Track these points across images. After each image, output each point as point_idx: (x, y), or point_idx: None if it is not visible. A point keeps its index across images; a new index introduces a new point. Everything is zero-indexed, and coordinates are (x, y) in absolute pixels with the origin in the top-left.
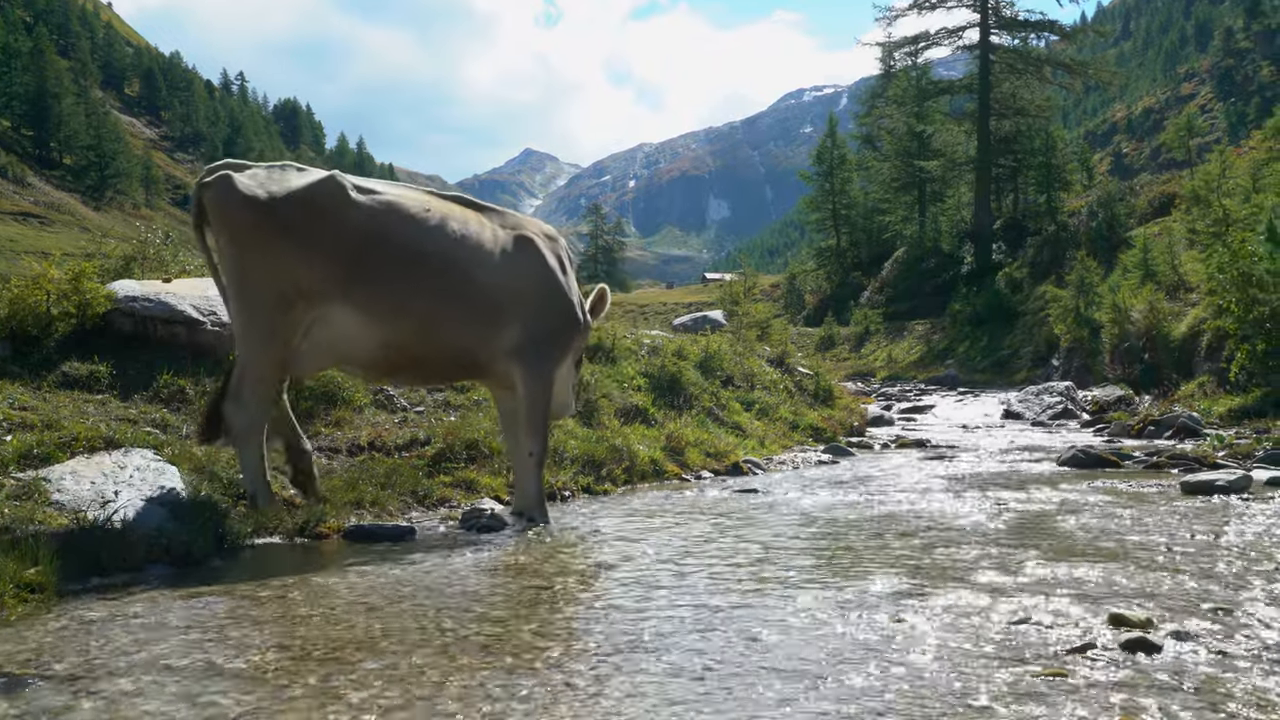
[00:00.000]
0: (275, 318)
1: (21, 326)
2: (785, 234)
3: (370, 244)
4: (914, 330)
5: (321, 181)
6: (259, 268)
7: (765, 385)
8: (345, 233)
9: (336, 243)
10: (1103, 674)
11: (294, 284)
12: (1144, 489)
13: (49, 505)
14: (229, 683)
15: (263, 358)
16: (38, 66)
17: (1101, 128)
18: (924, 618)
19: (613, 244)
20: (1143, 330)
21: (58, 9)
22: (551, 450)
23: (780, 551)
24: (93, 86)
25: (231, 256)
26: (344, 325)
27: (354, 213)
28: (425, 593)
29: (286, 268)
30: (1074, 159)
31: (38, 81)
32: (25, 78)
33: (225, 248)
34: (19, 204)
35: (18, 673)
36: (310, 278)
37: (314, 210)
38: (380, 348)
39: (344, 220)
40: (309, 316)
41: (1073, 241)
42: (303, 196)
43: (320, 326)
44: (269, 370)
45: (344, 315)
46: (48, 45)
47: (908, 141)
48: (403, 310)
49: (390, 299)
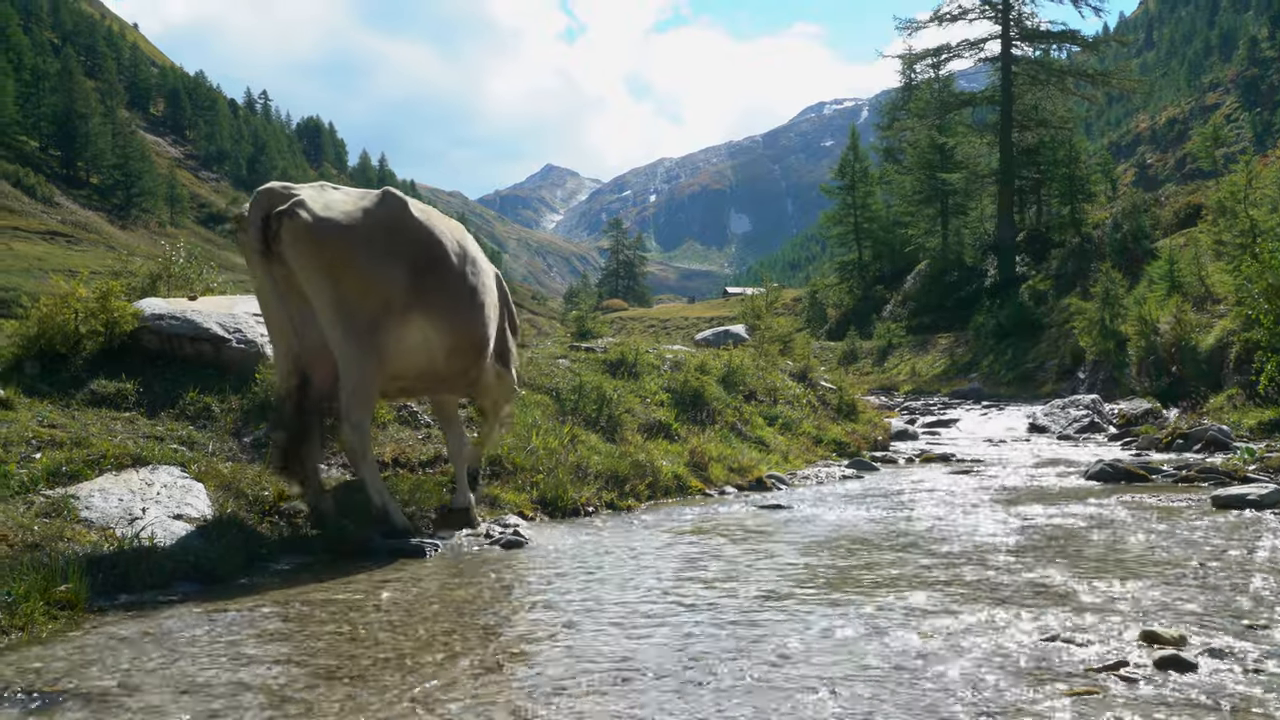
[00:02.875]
0: (376, 335)
1: (50, 345)
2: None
3: (428, 252)
4: (937, 344)
5: (387, 197)
6: (356, 289)
7: (788, 400)
8: (412, 244)
9: (408, 254)
10: (1136, 692)
11: (385, 299)
12: (1174, 503)
13: (78, 522)
14: (257, 701)
15: (370, 375)
16: (66, 87)
17: (1125, 139)
18: (952, 634)
19: (633, 259)
20: (1170, 342)
21: (85, 30)
22: (574, 466)
23: (806, 567)
24: (119, 106)
25: (328, 282)
26: (421, 334)
27: (413, 223)
28: (452, 610)
29: (379, 285)
30: (1098, 170)
31: (66, 102)
32: (53, 98)
33: (315, 274)
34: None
35: (49, 690)
36: (395, 291)
37: (388, 226)
38: (450, 356)
39: (409, 232)
40: (398, 329)
41: (1097, 253)
42: (379, 214)
43: (398, 339)
44: (375, 388)
45: (419, 324)
46: (75, 66)
47: (930, 154)
48: (461, 313)
49: (449, 303)
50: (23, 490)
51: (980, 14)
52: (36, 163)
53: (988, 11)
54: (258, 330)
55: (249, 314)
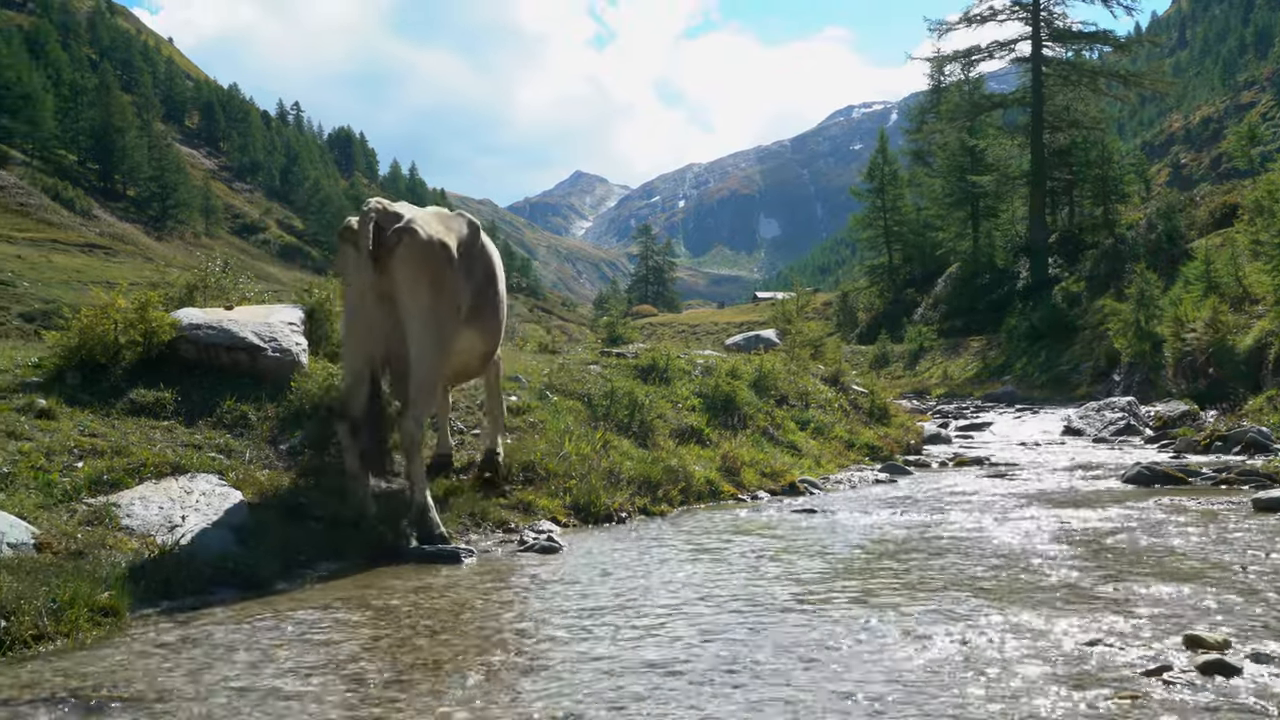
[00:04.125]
0: (449, 341)
1: (91, 355)
2: (836, 252)
3: (486, 270)
4: (969, 346)
5: (469, 223)
6: (446, 300)
7: (820, 404)
8: (479, 264)
9: (477, 272)
10: (1181, 697)
11: (460, 310)
12: (1214, 506)
13: (119, 530)
14: (296, 707)
15: (437, 375)
16: (103, 102)
17: (1159, 138)
18: (991, 638)
19: (663, 264)
20: (1207, 344)
21: (121, 45)
22: (607, 471)
23: (842, 571)
24: (155, 120)
25: (430, 291)
26: (469, 341)
27: (480, 245)
28: (487, 615)
29: (459, 297)
30: (1131, 170)
31: (103, 116)
32: (91, 113)
33: (418, 285)
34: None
35: (93, 695)
36: (465, 303)
37: (469, 247)
38: (479, 360)
39: (479, 253)
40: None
41: (1131, 254)
42: (465, 237)
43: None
44: (438, 388)
45: (470, 333)
46: (113, 81)
47: (960, 157)
48: (494, 324)
49: (490, 316)
50: (66, 499)
51: (1010, 15)
52: (75, 176)
53: (1018, 12)
54: (292, 339)
55: (284, 323)
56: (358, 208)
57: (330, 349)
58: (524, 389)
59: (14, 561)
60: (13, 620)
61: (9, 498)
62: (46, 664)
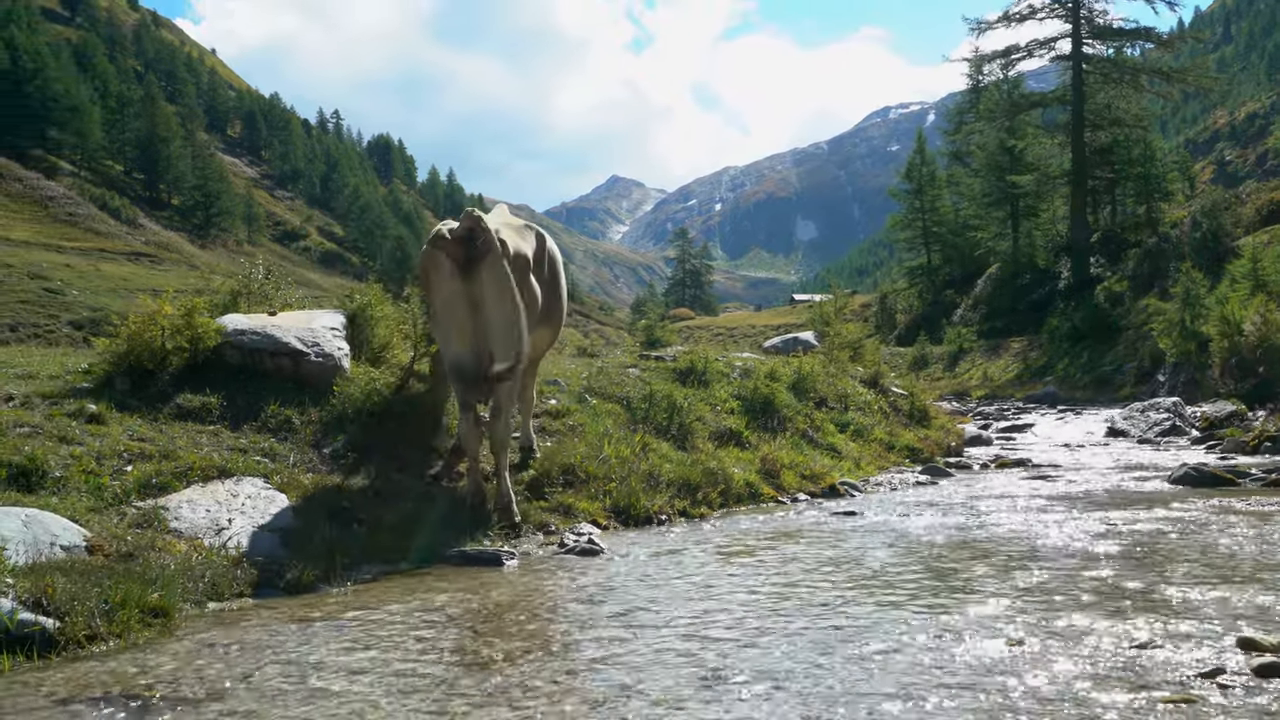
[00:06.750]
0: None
1: (139, 361)
2: (874, 253)
3: (552, 274)
4: (1010, 348)
5: (540, 234)
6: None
7: (859, 406)
8: (547, 268)
9: (546, 277)
10: (1236, 700)
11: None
12: (1265, 507)
13: (168, 533)
14: (345, 709)
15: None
16: (149, 113)
17: (1203, 135)
18: (1040, 641)
19: (700, 268)
20: (1255, 343)
21: (166, 57)
22: (646, 474)
23: (886, 574)
24: (198, 129)
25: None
26: (540, 338)
27: (548, 253)
28: (531, 617)
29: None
30: (1174, 168)
31: (148, 127)
32: (137, 123)
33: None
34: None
35: (144, 695)
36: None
37: (540, 254)
38: (542, 353)
39: (548, 259)
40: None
41: (1175, 253)
42: (537, 245)
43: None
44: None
45: (541, 330)
46: (157, 92)
47: (999, 156)
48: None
49: (557, 315)
50: (116, 502)
51: (1050, 13)
52: (121, 186)
53: (1057, 10)
54: (334, 344)
55: (326, 328)
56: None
57: (371, 353)
58: (563, 392)
59: (67, 564)
60: (66, 621)
61: (61, 501)
62: (99, 664)
